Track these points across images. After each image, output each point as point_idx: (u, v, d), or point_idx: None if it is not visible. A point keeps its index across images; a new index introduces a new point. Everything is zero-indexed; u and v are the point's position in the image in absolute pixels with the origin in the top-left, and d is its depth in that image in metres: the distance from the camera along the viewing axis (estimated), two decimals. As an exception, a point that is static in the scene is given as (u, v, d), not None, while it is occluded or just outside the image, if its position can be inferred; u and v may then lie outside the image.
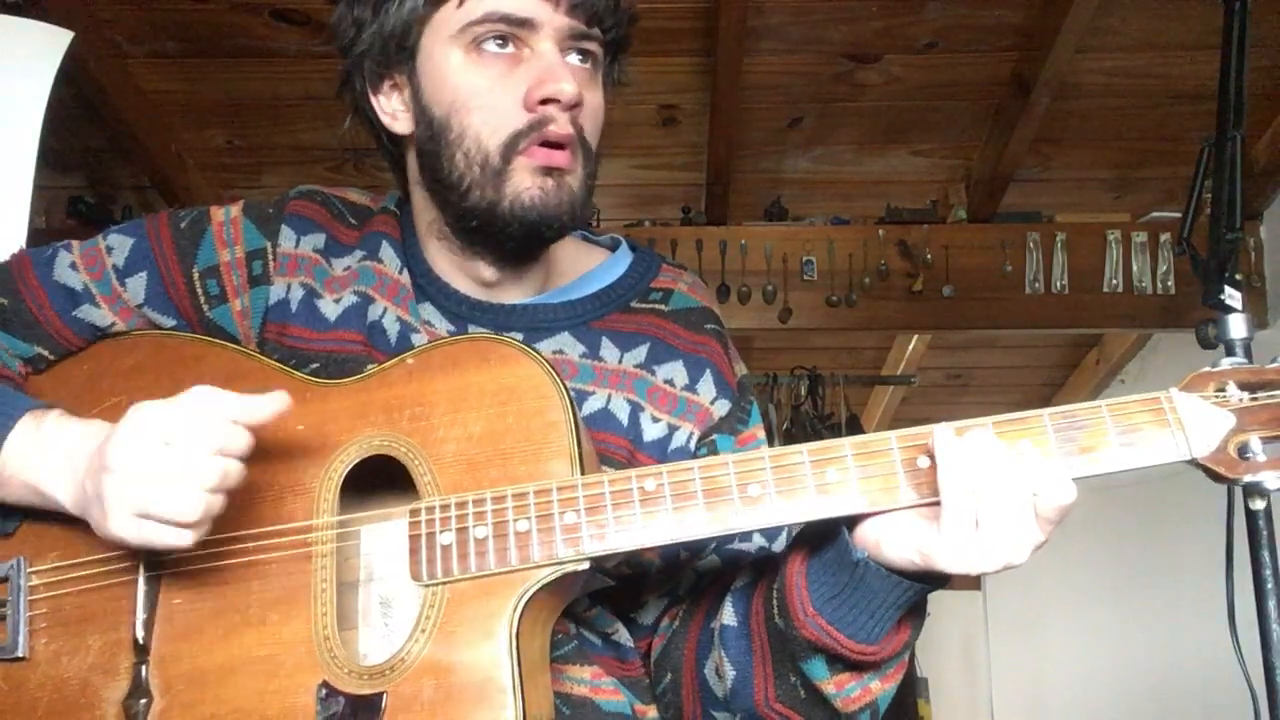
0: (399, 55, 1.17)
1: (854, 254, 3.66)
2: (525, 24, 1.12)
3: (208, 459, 0.97)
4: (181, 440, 0.97)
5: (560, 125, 1.12)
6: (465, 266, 1.22)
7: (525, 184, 1.12)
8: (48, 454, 1.06)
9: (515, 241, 1.17)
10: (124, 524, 0.99)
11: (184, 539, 0.98)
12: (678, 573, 1.21)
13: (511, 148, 1.12)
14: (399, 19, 1.15)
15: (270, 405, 1.02)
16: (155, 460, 0.97)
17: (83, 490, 1.03)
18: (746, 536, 1.20)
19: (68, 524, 1.08)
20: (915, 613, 1.03)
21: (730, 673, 1.10)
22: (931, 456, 0.96)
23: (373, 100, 1.20)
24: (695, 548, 1.20)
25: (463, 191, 1.14)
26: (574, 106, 1.13)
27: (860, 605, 0.99)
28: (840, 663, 1.02)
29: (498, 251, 1.20)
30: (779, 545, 1.21)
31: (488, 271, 1.22)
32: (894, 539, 0.97)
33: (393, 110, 1.20)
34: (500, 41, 1.13)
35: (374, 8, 1.17)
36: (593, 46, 1.17)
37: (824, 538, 1.03)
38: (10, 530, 1.12)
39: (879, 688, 1.04)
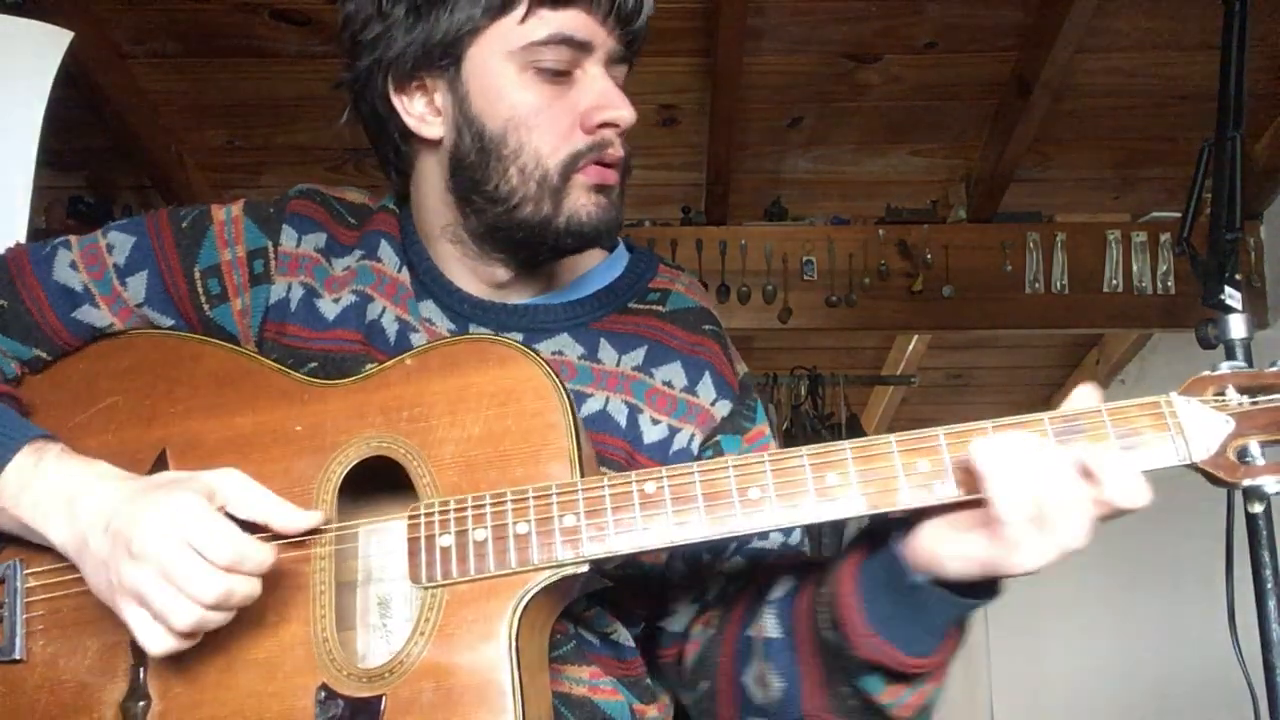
0: (442, 61, 1.15)
1: (854, 254, 3.66)
2: (583, 46, 1.14)
3: (215, 575, 0.97)
4: (199, 549, 0.97)
5: (616, 149, 1.16)
6: (478, 269, 1.23)
7: (581, 201, 1.15)
8: (45, 495, 1.05)
9: (558, 253, 1.20)
10: (123, 601, 0.99)
11: (159, 641, 0.98)
12: (704, 576, 1.21)
13: (571, 167, 1.15)
14: (450, 25, 1.13)
15: (304, 521, 1.03)
16: (171, 561, 0.97)
17: (85, 545, 1.02)
18: (765, 534, 1.20)
19: None
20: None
21: (778, 684, 1.10)
22: (967, 469, 0.96)
23: (395, 100, 1.19)
24: (716, 549, 1.20)
25: (513, 205, 1.15)
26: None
27: (919, 622, 1.00)
28: (895, 674, 1.03)
29: (519, 257, 1.21)
30: (794, 538, 1.22)
31: (502, 274, 1.22)
32: (950, 553, 0.97)
33: (420, 114, 1.19)
34: (556, 61, 1.14)
35: (414, 9, 1.14)
36: (625, 68, 1.19)
37: (875, 550, 1.03)
38: None
39: (930, 689, 1.05)
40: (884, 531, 1.03)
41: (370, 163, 3.49)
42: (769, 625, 1.11)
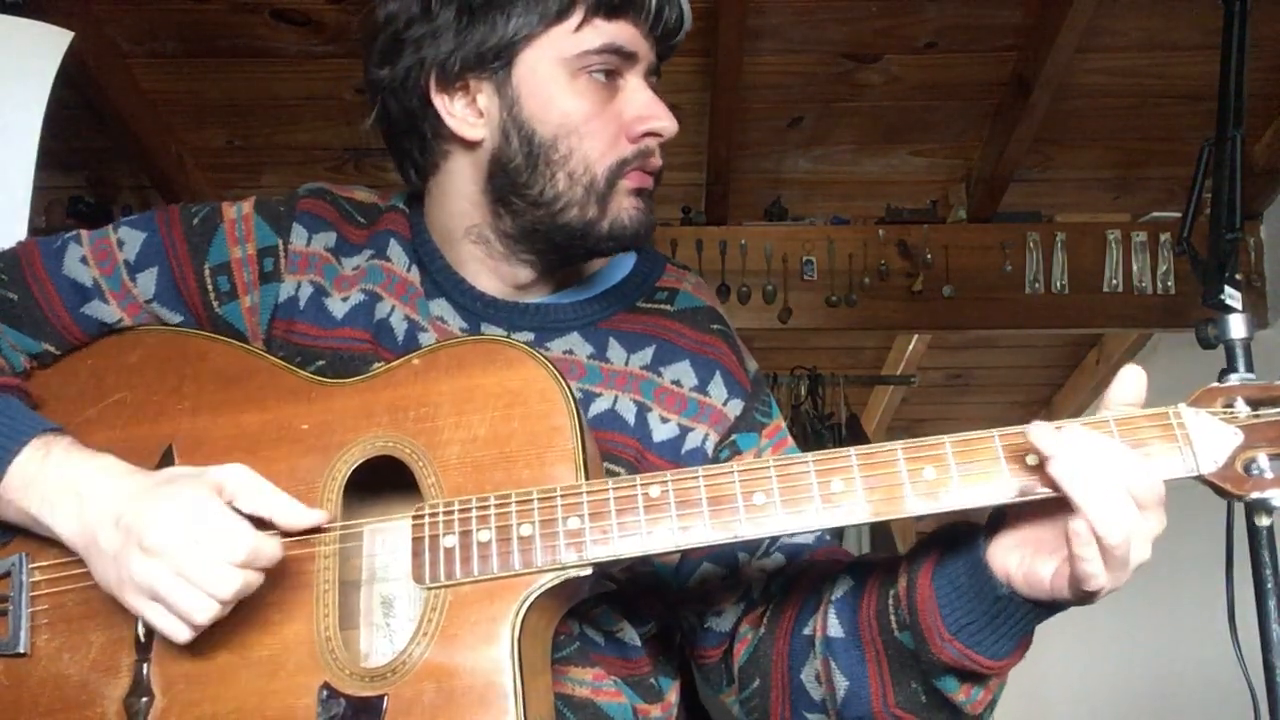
0: (494, 64, 1.16)
1: (854, 254, 3.66)
2: (630, 57, 1.17)
3: (232, 571, 0.98)
4: (214, 546, 0.98)
5: (657, 157, 1.21)
6: (500, 269, 1.23)
7: (625, 205, 1.19)
8: (53, 489, 1.05)
9: (593, 255, 1.23)
10: (135, 597, 1.00)
11: (182, 635, 1.00)
12: (746, 574, 1.21)
13: (617, 173, 1.18)
14: (506, 31, 1.15)
15: (310, 519, 1.04)
16: (186, 558, 0.98)
17: (94, 539, 1.03)
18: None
19: None
20: None
21: (843, 682, 1.10)
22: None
23: (436, 100, 1.18)
24: (752, 547, 1.20)
25: (558, 209, 1.17)
26: None
27: (1001, 630, 1.01)
28: (971, 675, 1.04)
29: (548, 259, 1.22)
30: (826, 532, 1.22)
31: (525, 275, 1.23)
32: (1022, 574, 0.98)
33: (461, 114, 1.19)
34: (604, 71, 1.17)
35: (467, 12, 1.15)
36: (655, 80, 1.23)
37: (948, 555, 1.03)
38: (2, 543, 1.12)
39: (997, 684, 1.07)
40: (955, 536, 1.04)
41: (370, 162, 3.53)
42: (830, 625, 1.11)
